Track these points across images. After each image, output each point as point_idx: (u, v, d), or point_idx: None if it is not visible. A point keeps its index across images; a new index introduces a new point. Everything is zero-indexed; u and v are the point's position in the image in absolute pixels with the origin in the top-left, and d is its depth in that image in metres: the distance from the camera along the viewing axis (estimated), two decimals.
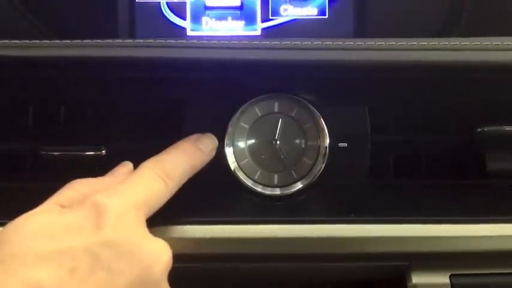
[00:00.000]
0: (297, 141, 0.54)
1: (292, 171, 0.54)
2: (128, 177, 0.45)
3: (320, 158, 0.54)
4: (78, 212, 0.40)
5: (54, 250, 0.38)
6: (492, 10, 0.61)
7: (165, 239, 0.46)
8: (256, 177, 0.54)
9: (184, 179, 0.47)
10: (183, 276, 0.42)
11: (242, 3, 0.63)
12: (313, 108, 0.54)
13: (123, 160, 0.49)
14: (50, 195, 0.44)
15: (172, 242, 0.47)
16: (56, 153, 0.54)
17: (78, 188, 0.44)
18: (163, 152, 0.48)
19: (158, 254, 0.41)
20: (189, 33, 0.64)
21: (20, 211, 0.41)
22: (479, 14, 0.61)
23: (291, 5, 0.63)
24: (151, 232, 0.43)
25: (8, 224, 0.40)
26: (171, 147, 0.49)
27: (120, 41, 0.46)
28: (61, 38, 0.46)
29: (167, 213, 0.48)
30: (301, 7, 0.63)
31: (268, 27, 0.64)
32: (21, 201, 0.53)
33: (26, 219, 0.40)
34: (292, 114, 0.54)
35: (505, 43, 0.46)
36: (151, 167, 0.46)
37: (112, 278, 0.38)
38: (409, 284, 0.51)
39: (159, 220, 0.48)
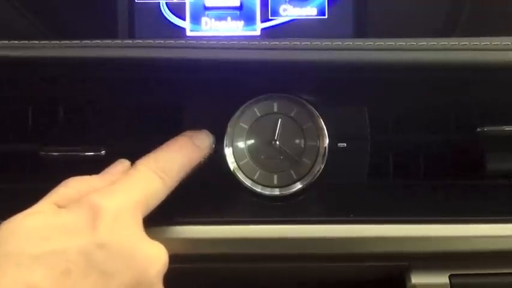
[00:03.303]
0: (296, 141, 0.54)
1: (292, 172, 0.54)
2: (124, 175, 0.45)
3: (319, 158, 0.54)
4: (74, 212, 0.40)
5: (49, 251, 0.37)
6: (492, 10, 0.61)
7: (163, 239, 0.46)
8: (255, 177, 0.54)
9: (181, 175, 0.47)
10: (181, 276, 0.42)
11: (241, 4, 0.63)
12: (312, 109, 0.54)
13: None
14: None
15: (171, 242, 0.48)
16: (55, 153, 0.54)
17: (74, 186, 0.44)
18: (159, 149, 0.47)
19: (153, 257, 0.41)
20: (188, 33, 0.64)
21: (18, 212, 0.41)
22: (479, 15, 0.61)
23: (291, 5, 0.63)
24: (149, 232, 0.43)
25: (2, 223, 0.40)
26: (166, 143, 0.48)
27: (120, 41, 0.46)
28: (60, 38, 0.46)
29: (166, 213, 0.48)
30: (301, 7, 0.63)
31: (268, 28, 0.64)
32: (20, 202, 0.53)
33: (21, 219, 0.40)
34: (292, 115, 0.54)
35: (504, 43, 0.46)
36: (147, 164, 0.45)
37: (106, 281, 0.38)
38: (408, 284, 0.51)
39: (158, 220, 0.48)
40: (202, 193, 0.53)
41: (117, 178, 0.45)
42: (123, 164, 0.48)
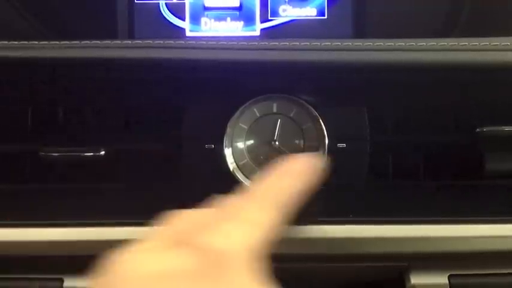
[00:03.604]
0: (296, 141, 0.54)
1: None
2: (234, 210, 0.40)
3: None
4: (191, 258, 0.36)
5: None
6: (491, 10, 0.61)
7: None
8: (255, 177, 0.54)
9: (290, 203, 0.42)
10: None
11: (241, 4, 0.63)
12: (311, 109, 0.54)
13: (122, 161, 0.49)
14: (49, 196, 0.43)
15: None
16: (54, 154, 0.54)
17: (183, 223, 0.39)
18: (270, 179, 0.42)
19: None
20: (188, 33, 0.64)
21: (19, 212, 0.41)
22: (478, 15, 0.61)
23: (290, 5, 0.63)
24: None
25: (115, 260, 0.35)
26: (274, 171, 0.43)
27: (119, 41, 0.46)
28: (60, 38, 0.46)
29: (166, 214, 0.48)
30: (300, 7, 0.63)
31: (267, 28, 0.64)
32: (20, 202, 0.53)
33: (136, 263, 0.35)
34: (291, 115, 0.54)
35: (503, 43, 0.46)
36: (256, 195, 0.41)
37: None
38: (408, 285, 0.51)
39: (159, 221, 0.48)
40: (201, 193, 0.53)
41: (226, 213, 0.40)
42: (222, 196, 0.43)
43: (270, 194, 0.41)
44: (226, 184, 0.54)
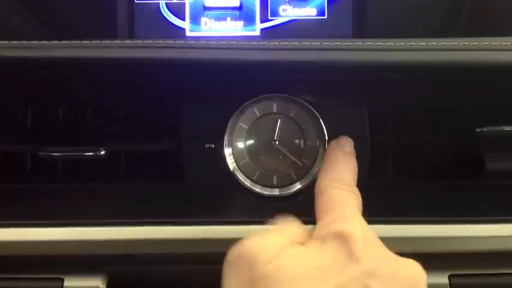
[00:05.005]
0: (296, 141, 0.54)
1: (291, 172, 0.54)
2: (329, 202, 0.44)
3: (319, 159, 0.54)
4: (328, 247, 0.39)
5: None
6: (491, 10, 0.61)
7: (165, 240, 0.46)
8: (255, 177, 0.54)
9: (356, 183, 0.47)
10: (181, 276, 0.42)
11: (241, 4, 0.63)
12: (312, 109, 0.54)
13: (122, 161, 0.49)
14: (49, 196, 0.43)
15: (171, 243, 0.48)
16: (54, 153, 0.54)
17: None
18: (329, 168, 0.47)
19: (418, 274, 0.40)
20: (188, 33, 0.64)
21: (19, 212, 0.41)
22: (479, 15, 0.61)
23: (290, 5, 0.63)
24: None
25: (256, 254, 0.39)
26: (327, 161, 0.48)
27: (119, 41, 0.46)
28: (60, 38, 0.46)
29: (167, 214, 0.48)
30: (300, 7, 0.63)
31: (267, 28, 0.64)
32: (20, 202, 0.53)
33: (288, 259, 0.38)
34: (291, 115, 0.54)
35: (503, 43, 0.46)
36: (337, 186, 0.45)
37: None
38: None
39: (159, 221, 0.48)
40: (201, 193, 0.53)
41: (324, 206, 0.44)
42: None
43: (338, 181, 0.45)
44: (226, 184, 0.54)
